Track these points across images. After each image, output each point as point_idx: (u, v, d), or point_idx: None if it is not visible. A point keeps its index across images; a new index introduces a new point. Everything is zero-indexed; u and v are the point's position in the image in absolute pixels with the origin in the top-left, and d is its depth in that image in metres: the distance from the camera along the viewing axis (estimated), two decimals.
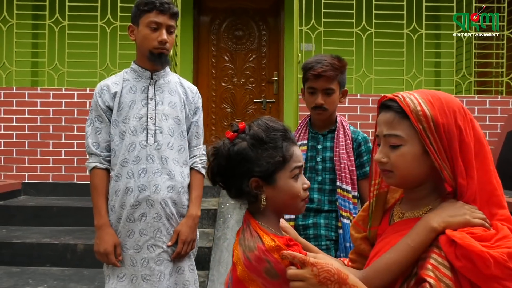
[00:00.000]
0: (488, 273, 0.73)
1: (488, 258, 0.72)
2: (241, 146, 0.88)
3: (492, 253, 0.72)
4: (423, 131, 0.83)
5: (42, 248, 2.81)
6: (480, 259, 0.72)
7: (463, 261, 0.74)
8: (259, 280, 0.83)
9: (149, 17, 1.55)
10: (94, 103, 1.62)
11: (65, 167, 3.71)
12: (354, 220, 1.06)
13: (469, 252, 0.73)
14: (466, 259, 0.73)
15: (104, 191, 1.59)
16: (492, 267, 0.72)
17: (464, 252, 0.73)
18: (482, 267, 0.73)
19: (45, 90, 3.74)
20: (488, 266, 0.72)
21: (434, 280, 0.75)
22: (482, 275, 0.73)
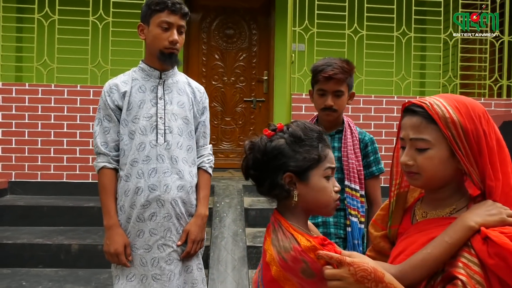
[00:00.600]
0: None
1: None
2: (279, 142, 0.92)
3: None
4: (451, 137, 0.86)
5: (34, 249, 2.75)
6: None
7: (496, 259, 0.77)
8: (294, 279, 0.86)
9: (161, 17, 1.55)
10: (102, 102, 1.60)
11: (54, 166, 3.63)
12: (373, 219, 1.10)
13: (503, 250, 0.76)
14: (499, 257, 0.77)
15: (113, 191, 1.58)
16: None
17: (498, 250, 0.77)
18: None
19: (33, 86, 3.64)
20: None
21: (466, 277, 0.79)
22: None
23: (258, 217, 3.17)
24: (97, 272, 2.65)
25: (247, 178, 0.97)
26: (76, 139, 3.63)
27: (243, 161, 0.97)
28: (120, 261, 1.52)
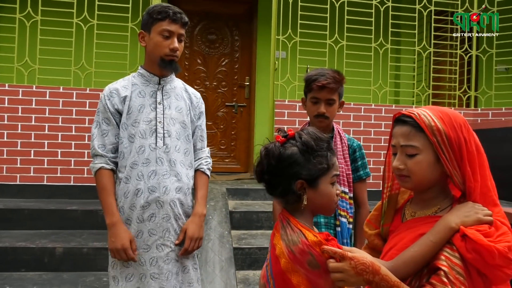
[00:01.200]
0: (493, 263, 0.89)
1: (494, 251, 0.88)
2: (293, 151, 1.00)
3: (497, 246, 0.89)
4: (437, 144, 0.98)
5: (16, 252, 2.70)
6: (487, 252, 0.88)
7: (473, 253, 0.90)
8: (301, 270, 0.95)
9: (162, 26, 1.60)
10: (102, 105, 1.63)
11: (34, 168, 3.57)
12: (368, 219, 1.20)
13: (478, 245, 0.89)
14: (475, 252, 0.89)
15: (113, 190, 1.60)
16: (496, 258, 0.88)
17: (474, 246, 0.89)
18: (488, 259, 0.89)
19: (13, 87, 3.57)
20: (493, 258, 0.88)
21: (448, 268, 0.91)
22: (488, 265, 0.89)
23: (242, 220, 3.24)
24: (83, 275, 2.63)
25: (260, 181, 1.05)
26: (58, 142, 3.59)
27: (257, 166, 1.05)
28: (128, 256, 1.53)
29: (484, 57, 4.39)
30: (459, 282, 0.89)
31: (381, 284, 0.91)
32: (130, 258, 1.55)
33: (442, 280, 0.90)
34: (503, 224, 0.98)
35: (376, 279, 0.91)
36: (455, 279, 0.89)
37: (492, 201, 1.00)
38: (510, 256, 0.89)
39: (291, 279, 0.97)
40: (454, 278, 0.90)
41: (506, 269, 0.90)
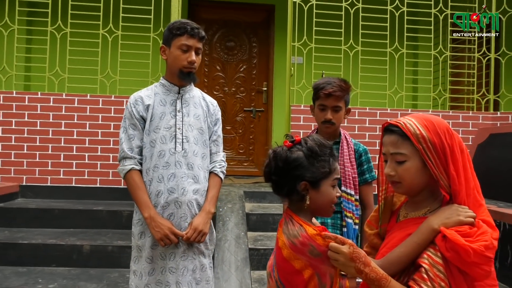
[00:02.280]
0: (470, 261, 0.96)
1: (469, 250, 0.95)
2: (299, 155, 1.12)
3: (472, 246, 0.96)
4: (423, 150, 1.06)
5: (47, 249, 2.90)
6: (463, 250, 0.96)
7: (451, 252, 0.98)
8: (303, 258, 1.07)
9: (181, 40, 1.75)
10: (128, 112, 1.78)
11: (63, 171, 3.80)
12: (368, 220, 1.30)
13: (455, 245, 0.97)
14: (453, 250, 0.97)
15: (144, 188, 1.73)
16: (472, 257, 0.96)
17: (452, 245, 0.97)
18: (465, 257, 0.96)
19: (45, 95, 3.82)
20: (469, 256, 0.96)
21: (428, 266, 0.99)
22: (466, 262, 0.97)
23: (258, 222, 3.35)
24: (108, 271, 2.81)
25: (267, 181, 1.17)
26: (85, 146, 3.81)
27: (265, 167, 1.17)
28: (173, 241, 1.67)
29: (503, 60, 4.36)
30: (439, 278, 0.98)
31: (371, 275, 1.00)
32: (175, 242, 1.68)
33: (423, 277, 0.99)
34: (487, 222, 1.05)
35: (366, 270, 1.01)
36: (435, 276, 0.98)
37: (476, 202, 1.07)
38: (487, 254, 0.96)
39: (294, 265, 1.09)
40: (434, 275, 0.98)
41: (484, 266, 0.97)
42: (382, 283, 1.01)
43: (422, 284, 0.99)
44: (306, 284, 1.09)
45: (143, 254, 1.75)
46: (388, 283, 1.01)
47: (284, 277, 1.13)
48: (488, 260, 0.98)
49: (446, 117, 4.18)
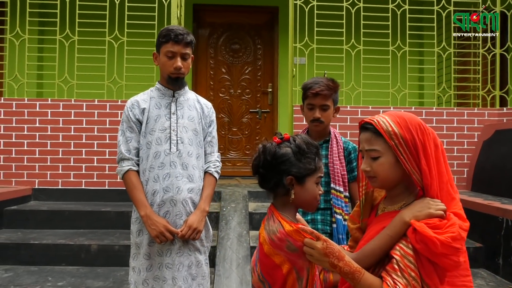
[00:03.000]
0: (438, 252, 1.00)
1: (436, 241, 0.99)
2: (287, 150, 1.18)
3: (439, 237, 1.00)
4: (395, 146, 1.10)
5: (58, 249, 3.02)
6: (431, 242, 1.00)
7: (420, 244, 1.02)
8: (282, 253, 1.12)
9: (167, 47, 1.81)
10: (125, 116, 1.86)
11: (73, 174, 3.93)
12: (351, 215, 1.34)
13: (423, 237, 1.01)
14: (422, 242, 1.01)
15: (141, 188, 1.80)
16: (439, 248, 0.99)
17: (421, 237, 1.01)
18: (433, 248, 1.00)
19: (55, 101, 3.97)
20: (436, 247, 0.99)
21: (399, 257, 1.04)
22: (434, 253, 1.01)
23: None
24: (115, 270, 2.91)
25: (255, 174, 1.24)
26: (94, 149, 3.93)
27: (254, 160, 1.24)
28: (168, 238, 1.74)
29: (509, 56, 4.31)
30: (409, 269, 1.02)
31: (344, 269, 1.05)
32: (170, 239, 1.74)
33: (394, 267, 1.03)
34: (458, 215, 1.08)
35: (340, 264, 1.05)
36: (405, 266, 1.02)
37: (449, 195, 1.11)
38: (454, 245, 0.99)
39: (274, 260, 1.14)
40: (405, 265, 1.02)
41: (452, 256, 1.00)
42: (356, 276, 1.05)
43: (393, 274, 1.03)
44: (285, 278, 1.14)
45: (141, 251, 1.82)
46: (362, 275, 1.06)
47: (265, 271, 1.18)
48: (456, 250, 1.01)
49: (451, 114, 4.17)
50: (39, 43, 4.64)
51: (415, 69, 4.80)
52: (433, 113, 4.16)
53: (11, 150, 3.89)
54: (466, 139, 4.14)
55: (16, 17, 4.07)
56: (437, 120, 4.14)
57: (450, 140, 4.14)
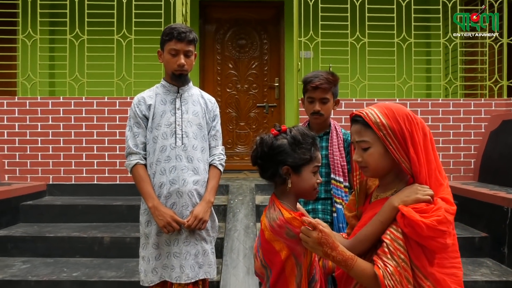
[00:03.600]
0: (424, 235, 1.05)
1: (422, 225, 1.05)
2: (283, 142, 1.24)
3: (424, 221, 1.05)
4: (383, 137, 1.15)
5: (72, 241, 3.14)
6: (417, 225, 1.05)
7: (408, 227, 1.07)
8: (281, 239, 1.19)
9: (170, 45, 1.88)
10: (132, 112, 1.94)
11: (86, 169, 4.05)
12: (347, 203, 1.40)
13: (410, 221, 1.06)
14: (409, 226, 1.07)
15: (149, 180, 1.89)
16: (425, 231, 1.05)
17: (408, 221, 1.07)
18: (419, 231, 1.05)
19: (67, 99, 4.08)
20: (422, 230, 1.05)
21: (389, 240, 1.09)
22: (421, 236, 1.06)
23: None
24: (126, 261, 3.01)
25: (254, 165, 1.31)
26: (105, 145, 4.04)
27: (253, 152, 1.30)
28: (175, 228, 1.83)
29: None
30: (399, 251, 1.07)
31: (337, 257, 1.11)
32: (177, 229, 1.82)
33: (384, 251, 1.09)
34: (445, 200, 1.13)
35: (333, 254, 1.11)
36: (395, 249, 1.07)
37: (437, 181, 1.16)
38: (440, 228, 1.05)
39: (274, 246, 1.21)
40: (395, 248, 1.08)
41: (439, 239, 1.06)
42: (349, 263, 1.11)
43: (383, 257, 1.09)
44: (284, 263, 1.20)
45: (150, 241, 1.91)
46: (354, 262, 1.11)
47: (267, 256, 1.25)
48: (442, 233, 1.06)
49: (458, 105, 4.16)
50: (50, 43, 4.76)
51: (422, 61, 4.79)
52: (439, 104, 4.16)
53: (26, 148, 4.02)
54: (473, 129, 4.13)
55: (27, 18, 4.19)
56: (443, 111, 4.14)
57: (456, 131, 4.14)
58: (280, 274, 1.20)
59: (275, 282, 1.21)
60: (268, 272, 1.25)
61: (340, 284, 1.29)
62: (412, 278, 1.08)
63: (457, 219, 3.54)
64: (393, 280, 1.05)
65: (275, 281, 1.21)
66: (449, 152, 4.12)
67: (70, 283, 2.70)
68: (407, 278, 1.06)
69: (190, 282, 1.86)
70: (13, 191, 3.51)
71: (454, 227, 1.17)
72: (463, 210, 3.54)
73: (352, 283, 1.23)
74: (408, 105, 4.14)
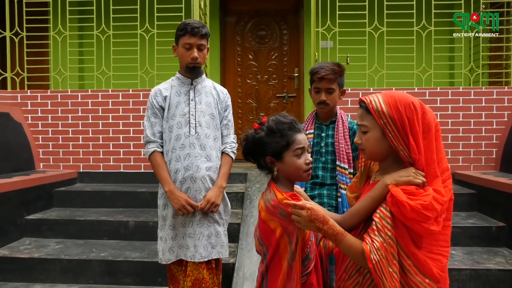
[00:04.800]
0: (409, 217, 1.11)
1: (406, 206, 1.10)
2: (260, 135, 1.34)
3: (410, 202, 1.10)
4: (383, 125, 1.21)
5: (100, 225, 3.37)
6: (402, 206, 1.11)
7: (395, 207, 1.13)
8: (275, 219, 1.29)
9: (184, 40, 2.00)
10: (150, 103, 2.09)
11: (113, 158, 4.28)
12: (349, 185, 1.47)
13: (397, 200, 1.12)
14: (396, 206, 1.13)
15: (165, 166, 2.04)
16: (409, 212, 1.10)
17: (395, 201, 1.13)
18: (404, 212, 1.11)
19: (94, 92, 4.31)
20: (406, 211, 1.10)
21: (378, 218, 1.17)
22: (406, 217, 1.12)
23: None
24: (149, 244, 3.21)
25: (247, 161, 1.42)
26: (130, 135, 4.26)
27: (242, 150, 1.41)
28: (189, 210, 1.97)
29: None
30: (386, 229, 1.14)
31: (328, 231, 1.19)
32: (191, 211, 1.97)
33: (373, 228, 1.16)
34: (437, 191, 1.16)
35: (325, 228, 1.20)
36: (382, 227, 1.14)
37: (433, 172, 1.19)
38: (424, 213, 1.10)
39: (270, 226, 1.32)
40: (382, 226, 1.15)
41: (423, 223, 1.11)
42: (338, 238, 1.19)
43: (371, 234, 1.17)
44: (278, 241, 1.30)
45: (167, 223, 2.06)
46: (344, 237, 1.19)
47: (263, 235, 1.36)
48: (426, 218, 1.11)
49: (479, 94, 4.08)
50: (79, 38, 5.01)
51: (444, 49, 4.69)
52: (460, 93, 4.09)
53: (58, 138, 4.29)
54: (495, 118, 4.04)
55: (57, 16, 4.43)
56: (464, 100, 4.08)
57: (477, 120, 4.07)
58: (275, 251, 1.31)
59: (271, 258, 1.32)
60: (264, 249, 1.36)
61: (338, 261, 1.38)
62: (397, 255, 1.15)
63: (475, 208, 3.54)
64: (379, 255, 1.12)
65: (271, 258, 1.32)
66: (470, 142, 4.07)
67: (98, 262, 2.92)
68: (392, 254, 1.13)
69: (204, 260, 2.00)
70: (48, 178, 3.79)
71: (450, 218, 1.22)
72: (481, 200, 3.52)
73: (347, 260, 1.32)
74: (427, 94, 4.10)
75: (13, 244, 3.26)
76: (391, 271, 1.12)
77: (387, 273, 1.11)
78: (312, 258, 1.33)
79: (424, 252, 1.16)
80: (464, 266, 2.72)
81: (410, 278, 1.14)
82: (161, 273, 2.83)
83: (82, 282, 2.92)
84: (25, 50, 4.45)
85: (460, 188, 3.77)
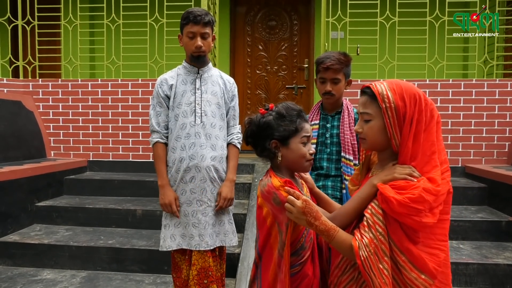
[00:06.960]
0: (398, 211, 1.08)
1: (393, 201, 1.08)
2: (268, 118, 1.33)
3: (396, 197, 1.07)
4: (384, 109, 1.18)
5: (108, 213, 3.42)
6: (389, 201, 1.09)
7: (384, 203, 1.11)
8: (269, 205, 1.28)
9: (187, 28, 1.99)
10: (155, 92, 2.09)
11: (122, 147, 4.33)
12: (351, 177, 1.45)
13: (384, 196, 1.10)
14: (385, 202, 1.10)
15: (164, 160, 2.07)
16: (397, 207, 1.07)
17: (383, 197, 1.11)
18: (393, 207, 1.08)
19: (104, 81, 4.34)
20: (394, 206, 1.08)
21: (369, 215, 1.14)
22: (395, 212, 1.09)
23: None
24: (156, 232, 3.24)
25: (247, 144, 1.40)
26: (139, 125, 4.29)
27: (244, 133, 1.40)
28: (172, 210, 2.00)
29: None
30: (377, 225, 1.12)
31: (320, 227, 1.18)
32: (173, 212, 2.01)
33: (364, 224, 1.14)
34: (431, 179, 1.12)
35: (316, 223, 1.18)
36: (373, 223, 1.12)
37: (432, 163, 1.14)
38: (414, 206, 1.06)
39: (263, 212, 1.31)
40: (373, 222, 1.12)
41: (414, 217, 1.07)
42: (331, 233, 1.17)
43: (362, 230, 1.14)
44: (269, 230, 1.29)
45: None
46: (336, 233, 1.18)
47: (258, 221, 1.35)
48: (416, 211, 1.07)
49: (493, 86, 3.98)
50: (90, 28, 5.03)
51: (458, 40, 4.58)
52: (473, 85, 4.00)
53: (68, 126, 4.35)
54: (508, 111, 3.95)
55: (68, 4, 4.46)
56: (477, 92, 3.99)
57: (490, 113, 3.98)
58: (266, 240, 1.29)
59: (262, 247, 1.31)
60: (257, 235, 1.35)
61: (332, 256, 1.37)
62: (390, 251, 1.11)
63: (485, 202, 3.49)
64: (367, 251, 1.10)
65: (262, 247, 1.30)
66: (482, 135, 3.99)
67: (106, 249, 2.97)
68: (383, 250, 1.10)
69: (209, 249, 2.02)
70: (58, 166, 3.85)
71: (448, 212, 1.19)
72: (492, 194, 3.46)
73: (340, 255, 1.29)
74: (439, 85, 4.02)
75: (24, 230, 3.33)
76: (381, 268, 1.09)
77: (376, 270, 1.09)
78: (307, 248, 1.31)
79: (421, 246, 1.13)
80: (472, 261, 2.69)
81: (405, 275, 1.11)
82: (167, 261, 2.87)
83: (90, 269, 2.98)
84: (37, 39, 4.49)
85: (471, 182, 3.71)
